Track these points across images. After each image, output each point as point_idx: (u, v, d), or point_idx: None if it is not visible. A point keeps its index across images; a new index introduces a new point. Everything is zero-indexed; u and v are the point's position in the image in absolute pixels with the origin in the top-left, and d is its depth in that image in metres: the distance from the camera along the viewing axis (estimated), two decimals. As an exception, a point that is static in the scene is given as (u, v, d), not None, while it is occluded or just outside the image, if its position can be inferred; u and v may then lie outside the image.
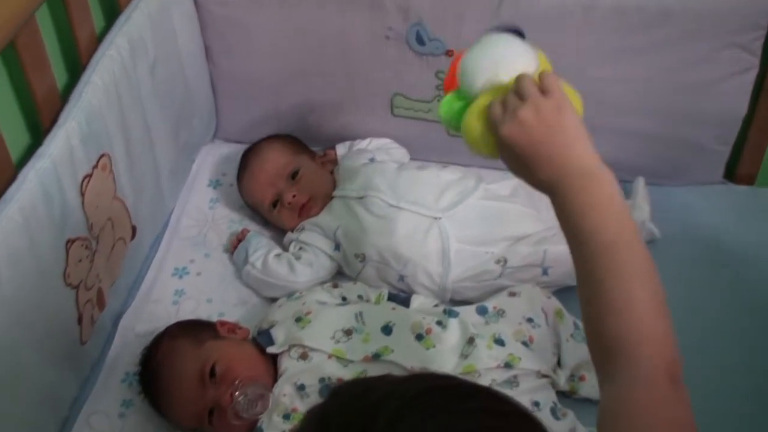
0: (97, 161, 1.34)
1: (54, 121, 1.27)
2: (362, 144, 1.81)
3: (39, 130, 1.31)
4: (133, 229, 1.54)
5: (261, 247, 1.62)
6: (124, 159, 1.45)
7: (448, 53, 1.67)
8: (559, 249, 1.49)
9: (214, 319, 1.54)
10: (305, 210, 1.64)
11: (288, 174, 1.65)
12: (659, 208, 1.70)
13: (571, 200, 0.92)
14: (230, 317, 1.55)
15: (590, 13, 1.59)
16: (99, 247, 1.38)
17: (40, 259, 1.20)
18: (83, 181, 1.30)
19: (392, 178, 1.62)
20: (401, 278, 1.55)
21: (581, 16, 1.59)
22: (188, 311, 1.57)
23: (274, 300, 1.56)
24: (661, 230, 1.65)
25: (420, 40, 1.67)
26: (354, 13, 1.66)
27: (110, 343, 1.50)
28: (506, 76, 1.01)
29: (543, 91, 0.96)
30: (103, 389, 1.43)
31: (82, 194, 1.30)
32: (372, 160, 1.71)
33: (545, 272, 1.53)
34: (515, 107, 0.95)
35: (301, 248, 1.61)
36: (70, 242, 1.28)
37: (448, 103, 1.09)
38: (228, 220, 1.76)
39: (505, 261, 1.52)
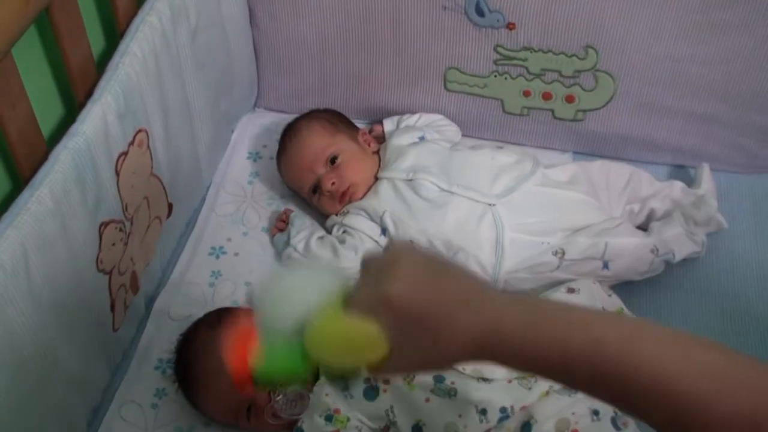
0: (134, 137, 1.25)
1: (89, 93, 1.18)
2: (411, 120, 1.69)
3: (73, 102, 1.22)
4: (170, 207, 1.46)
5: (303, 229, 1.53)
6: (161, 134, 1.36)
7: (509, 26, 1.55)
8: (622, 241, 1.41)
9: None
10: (346, 196, 1.54)
11: (326, 159, 1.55)
12: (726, 196, 1.60)
13: (533, 335, 0.70)
14: (269, 304, 1.47)
15: (670, -15, 1.46)
16: (133, 229, 1.30)
17: (72, 245, 1.12)
18: (118, 159, 1.21)
19: (444, 159, 1.52)
20: None
21: (660, -12, 1.46)
22: (225, 295, 1.49)
23: (316, 287, 1.48)
24: (727, 220, 1.54)
25: (479, 12, 1.55)
26: (407, -18, 1.55)
27: (143, 327, 1.43)
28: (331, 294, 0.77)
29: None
30: (135, 378, 1.36)
31: (117, 174, 1.22)
32: (422, 138, 1.61)
33: (606, 266, 1.42)
34: (388, 271, 0.72)
35: (345, 231, 1.51)
36: (103, 225, 1.19)
37: (271, 358, 0.78)
38: (267, 197, 1.66)
39: (563, 253, 1.42)
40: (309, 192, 1.57)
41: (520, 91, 1.64)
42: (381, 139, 1.67)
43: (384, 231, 1.49)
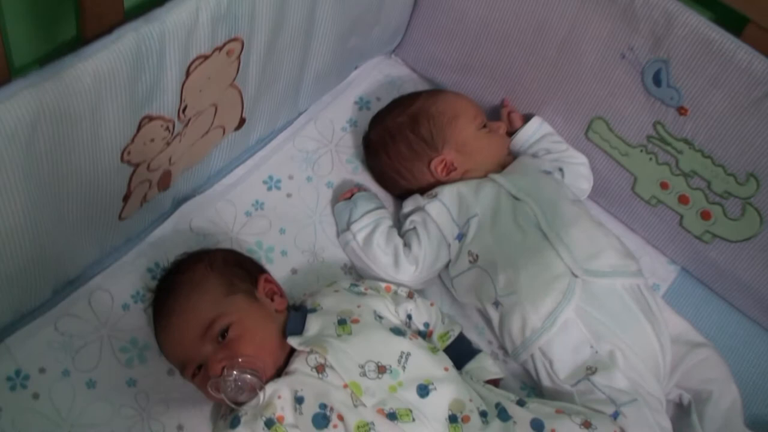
0: (224, 44, 1.13)
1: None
2: (555, 146, 1.50)
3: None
4: (242, 121, 1.34)
5: (367, 214, 1.38)
6: (262, 49, 1.23)
7: (681, 109, 1.33)
8: (646, 414, 1.20)
9: (273, 257, 1.35)
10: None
11: None
12: None
13: None
14: (288, 266, 1.36)
15: None
16: (186, 131, 1.20)
17: (98, 127, 1.02)
18: (195, 60, 1.10)
19: (559, 202, 1.35)
20: (496, 304, 1.30)
21: None
22: (253, 231, 1.38)
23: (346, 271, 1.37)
24: None
25: (657, 80, 1.33)
26: (596, 13, 1.35)
27: (159, 224, 1.34)
28: None
29: None
30: (124, 268, 1.29)
31: (188, 74, 1.10)
32: (549, 172, 1.44)
33: (615, 415, 1.20)
34: None
35: (415, 228, 1.37)
36: (146, 119, 1.09)
37: None
38: (352, 153, 1.52)
39: (594, 371, 1.24)
40: None
41: (658, 179, 1.43)
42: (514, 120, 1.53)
43: (461, 237, 1.35)
